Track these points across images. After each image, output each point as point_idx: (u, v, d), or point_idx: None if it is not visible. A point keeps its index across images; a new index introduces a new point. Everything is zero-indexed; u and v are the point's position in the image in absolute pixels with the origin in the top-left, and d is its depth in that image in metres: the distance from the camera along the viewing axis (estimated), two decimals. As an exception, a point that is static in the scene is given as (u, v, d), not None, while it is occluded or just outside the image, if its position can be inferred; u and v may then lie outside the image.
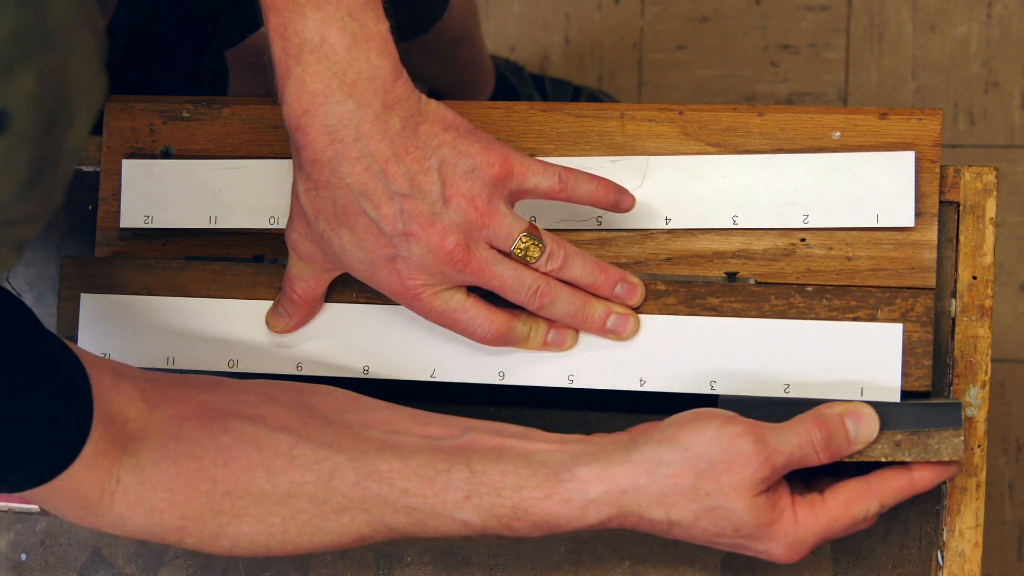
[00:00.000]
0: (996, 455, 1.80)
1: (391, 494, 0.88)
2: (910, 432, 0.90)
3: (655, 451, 0.87)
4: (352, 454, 0.88)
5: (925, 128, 0.96)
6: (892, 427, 0.90)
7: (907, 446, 0.90)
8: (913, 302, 0.93)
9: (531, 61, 1.94)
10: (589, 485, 0.87)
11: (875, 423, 0.89)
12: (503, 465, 0.88)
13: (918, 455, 0.90)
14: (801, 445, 0.88)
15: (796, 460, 0.88)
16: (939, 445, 0.89)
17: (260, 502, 0.88)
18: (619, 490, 0.87)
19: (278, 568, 1.03)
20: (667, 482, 0.87)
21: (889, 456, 0.90)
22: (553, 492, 0.87)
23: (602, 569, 1.00)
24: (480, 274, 0.91)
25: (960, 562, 0.97)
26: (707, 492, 0.86)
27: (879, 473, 0.90)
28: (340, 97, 0.87)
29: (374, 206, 0.89)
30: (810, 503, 0.89)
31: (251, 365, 0.98)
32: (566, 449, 0.89)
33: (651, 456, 0.87)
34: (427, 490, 0.88)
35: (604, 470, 0.87)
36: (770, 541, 0.88)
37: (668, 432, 0.88)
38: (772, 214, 0.96)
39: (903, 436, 0.90)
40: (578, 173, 0.93)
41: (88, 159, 1.06)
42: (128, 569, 1.04)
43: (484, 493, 0.87)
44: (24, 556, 1.05)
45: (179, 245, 1.02)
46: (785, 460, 0.87)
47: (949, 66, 1.86)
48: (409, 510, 0.88)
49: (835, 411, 0.89)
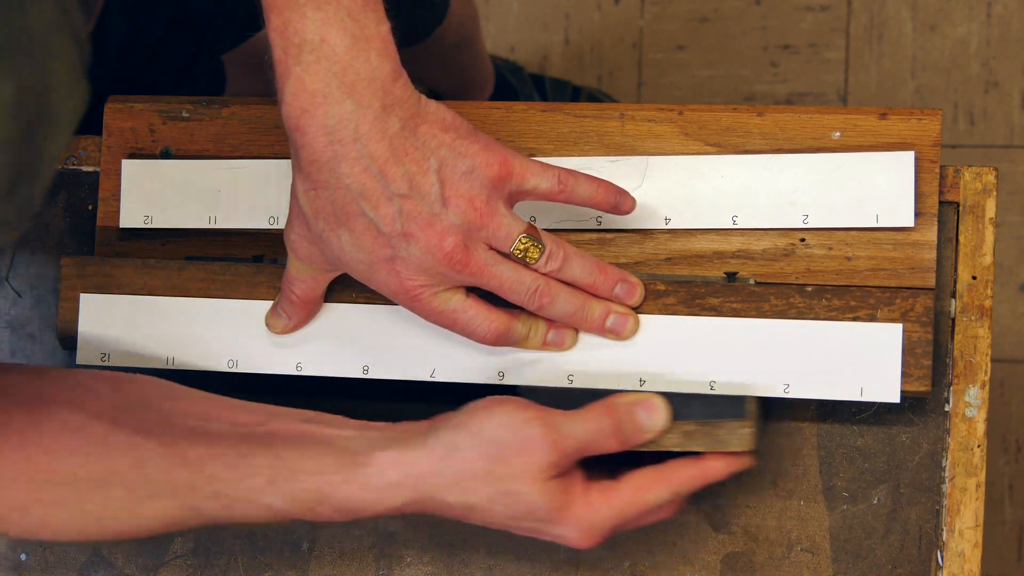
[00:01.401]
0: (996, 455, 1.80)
1: (198, 480, 0.89)
2: (700, 423, 0.92)
3: (450, 436, 0.89)
4: (163, 440, 0.89)
5: (925, 128, 0.96)
6: (684, 418, 0.91)
7: (698, 436, 0.91)
8: (913, 302, 0.93)
9: (531, 61, 1.94)
10: (386, 469, 0.88)
11: (664, 413, 0.91)
12: (305, 450, 0.89)
13: (708, 445, 0.91)
14: (590, 431, 0.89)
15: (586, 446, 0.89)
16: (728, 436, 0.91)
17: (76, 490, 0.89)
18: (416, 474, 0.88)
19: (277, 568, 1.03)
20: (461, 466, 0.88)
21: (680, 446, 0.91)
22: (352, 476, 0.88)
23: (602, 569, 1.00)
24: (479, 275, 0.91)
25: (960, 562, 0.97)
26: (499, 476, 0.88)
27: (672, 462, 0.91)
28: (339, 98, 0.87)
29: (373, 207, 0.89)
30: (603, 488, 0.90)
31: (250, 365, 0.98)
32: (366, 435, 0.90)
33: (446, 440, 0.88)
34: (231, 475, 0.89)
35: (401, 454, 0.88)
36: (564, 525, 0.89)
37: (462, 418, 0.89)
38: (772, 214, 0.96)
39: (694, 427, 0.91)
40: (578, 175, 0.93)
41: (88, 159, 1.06)
42: (128, 569, 1.04)
43: (285, 477, 0.88)
44: (24, 556, 1.05)
45: (179, 245, 1.02)
46: (575, 445, 0.89)
47: (949, 66, 1.86)
48: (216, 495, 0.89)
49: (626, 400, 0.91)
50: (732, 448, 0.91)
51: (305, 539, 1.02)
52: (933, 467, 0.97)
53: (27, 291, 1.07)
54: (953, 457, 0.97)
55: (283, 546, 1.03)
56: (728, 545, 0.99)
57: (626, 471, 0.91)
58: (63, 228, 1.06)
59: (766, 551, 0.99)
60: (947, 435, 0.97)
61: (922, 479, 0.97)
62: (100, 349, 0.99)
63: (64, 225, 1.06)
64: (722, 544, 0.99)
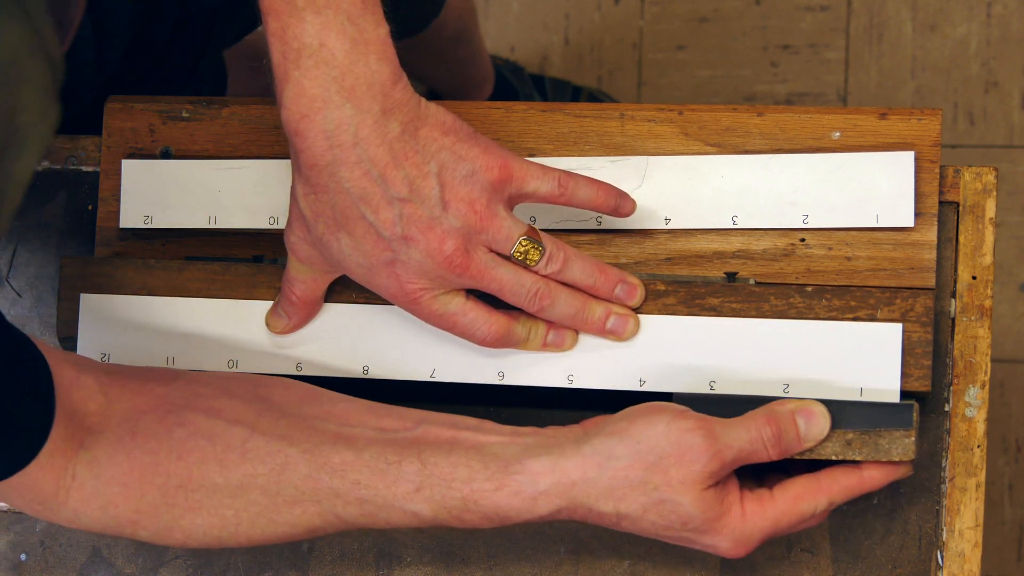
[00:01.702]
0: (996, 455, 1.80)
1: (343, 486, 0.88)
2: (861, 431, 0.90)
3: (606, 444, 0.88)
4: (305, 446, 0.89)
5: (925, 128, 0.96)
6: (843, 426, 0.90)
7: (858, 445, 0.90)
8: (913, 302, 0.93)
9: (531, 61, 1.94)
10: (539, 477, 0.87)
11: (826, 421, 0.90)
12: (454, 457, 0.88)
13: (868, 455, 0.90)
14: (751, 440, 0.88)
15: (746, 455, 0.88)
16: (890, 445, 0.90)
17: (213, 495, 0.89)
18: (569, 482, 0.87)
19: (277, 568, 1.03)
20: (616, 475, 0.87)
21: (840, 455, 0.90)
22: (503, 484, 0.87)
23: (601, 569, 1.00)
24: (479, 278, 0.91)
25: (960, 562, 0.97)
26: (656, 485, 0.87)
27: (829, 471, 0.90)
28: (339, 102, 0.87)
29: (373, 211, 0.89)
30: (759, 498, 0.89)
31: (250, 365, 0.98)
32: (518, 441, 0.89)
33: (601, 449, 0.87)
34: (378, 482, 0.88)
35: (555, 462, 0.87)
36: (717, 535, 0.88)
37: (620, 425, 0.88)
38: (772, 214, 0.96)
39: (854, 435, 0.90)
40: (578, 178, 0.93)
41: (88, 159, 1.06)
42: (128, 569, 1.04)
43: (435, 485, 0.88)
44: (24, 556, 1.05)
45: (179, 245, 1.02)
46: (734, 455, 0.88)
47: (949, 66, 1.86)
48: (360, 502, 0.88)
49: (786, 408, 0.90)
50: (893, 457, 0.90)
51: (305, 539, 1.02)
52: (933, 467, 0.97)
53: (27, 291, 1.07)
54: (953, 457, 0.97)
55: (283, 546, 1.03)
56: (728, 545, 0.99)
57: (776, 476, 0.90)
58: (63, 228, 1.06)
59: (766, 551, 0.99)
60: (947, 435, 0.97)
61: (922, 479, 0.97)
62: (100, 349, 0.99)
63: (64, 225, 1.06)
64: (722, 544, 0.99)
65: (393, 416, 0.91)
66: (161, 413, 0.89)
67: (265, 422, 0.89)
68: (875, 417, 0.90)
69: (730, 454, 0.87)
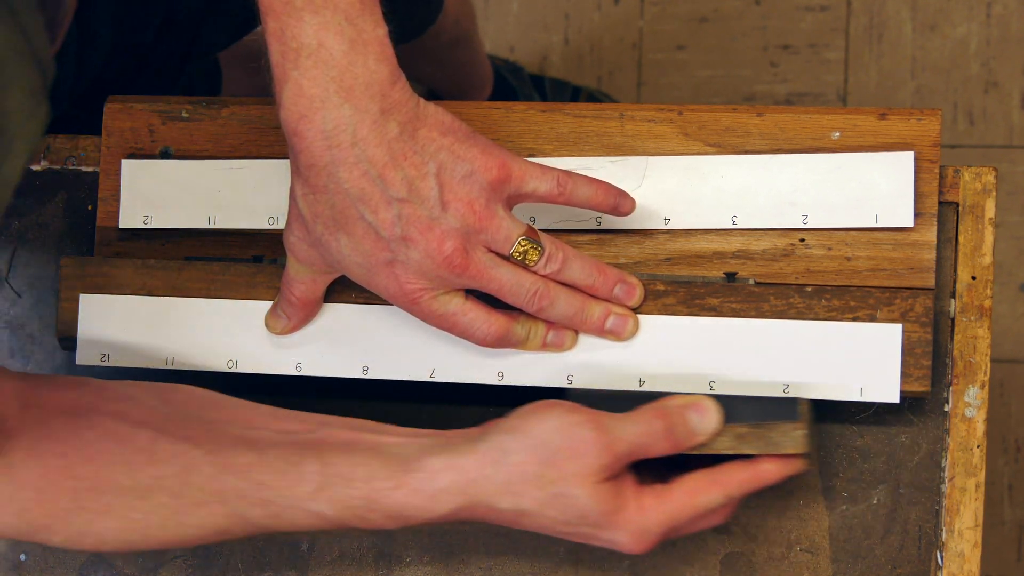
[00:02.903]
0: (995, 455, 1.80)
1: (247, 487, 0.88)
2: (752, 425, 0.91)
3: (500, 440, 0.88)
4: (209, 447, 0.89)
5: (924, 128, 0.96)
6: (736, 420, 0.91)
7: (750, 439, 0.91)
8: (912, 302, 0.93)
9: (530, 61, 1.94)
10: (437, 475, 0.88)
11: (717, 415, 0.90)
12: (354, 457, 0.89)
13: (761, 448, 0.90)
14: (642, 434, 0.89)
15: (638, 449, 0.89)
16: (781, 438, 0.90)
17: (122, 497, 0.89)
18: (467, 479, 0.88)
19: (277, 567, 1.03)
20: (512, 470, 0.88)
21: (733, 449, 0.91)
22: (403, 483, 0.88)
23: (601, 569, 1.00)
24: (478, 278, 0.91)
25: (959, 562, 0.97)
26: (551, 479, 0.87)
27: (725, 465, 0.91)
28: (337, 102, 0.87)
29: (372, 211, 0.89)
30: (655, 492, 0.89)
31: (250, 366, 0.98)
32: (417, 442, 0.90)
33: (497, 445, 0.88)
34: (280, 482, 0.88)
35: (452, 460, 0.88)
36: (616, 529, 0.89)
37: (514, 422, 0.89)
38: (771, 214, 0.96)
39: (746, 429, 0.91)
40: (577, 177, 0.93)
41: (88, 159, 1.06)
42: (127, 569, 1.04)
43: (336, 484, 0.88)
44: (24, 556, 1.05)
45: (178, 245, 1.02)
46: (626, 448, 0.88)
47: (948, 66, 1.86)
48: (265, 503, 0.89)
49: (677, 402, 0.90)
50: (785, 450, 0.90)
51: (304, 539, 1.02)
52: (933, 467, 0.97)
53: (27, 291, 1.07)
54: (953, 457, 0.97)
55: (282, 546, 1.03)
56: (727, 545, 0.99)
57: (676, 475, 0.91)
58: (63, 228, 1.06)
59: (765, 551, 0.99)
60: (947, 435, 0.97)
61: (922, 479, 0.97)
62: (100, 349, 0.99)
63: (64, 225, 1.06)
64: (721, 544, 1.00)
65: (294, 419, 0.92)
66: (71, 417, 0.90)
67: (170, 425, 0.90)
68: (765, 411, 0.91)
69: (622, 447, 0.88)
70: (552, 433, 0.88)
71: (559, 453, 0.87)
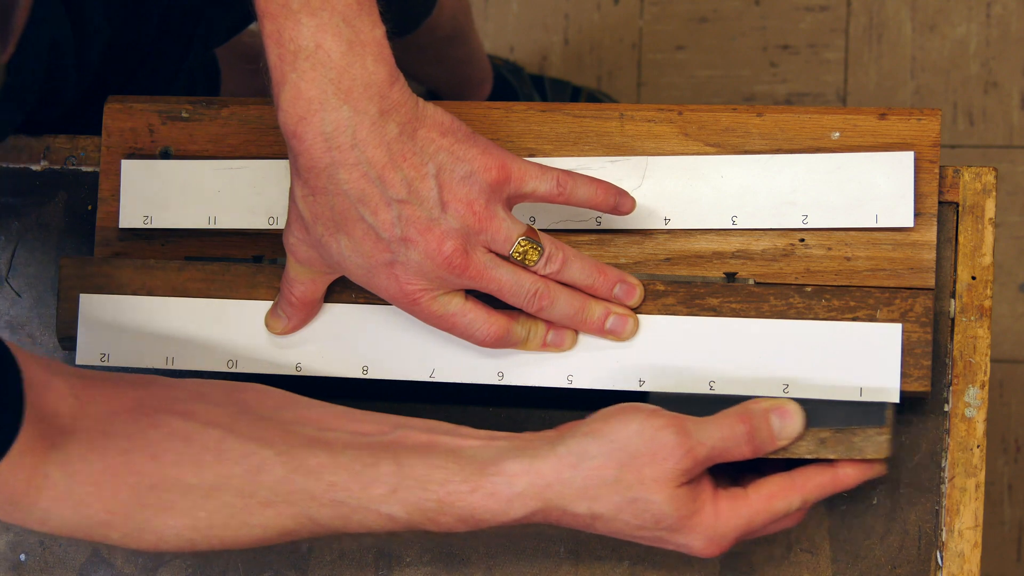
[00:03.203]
0: (995, 455, 1.80)
1: (317, 488, 0.88)
2: (835, 430, 0.90)
3: (580, 444, 0.88)
4: (280, 448, 0.88)
5: (924, 128, 0.96)
6: (818, 424, 0.90)
7: (832, 443, 0.90)
8: (912, 302, 0.93)
9: (530, 61, 1.94)
10: (514, 479, 0.87)
11: (800, 420, 0.90)
12: (431, 460, 0.88)
13: (843, 453, 0.90)
14: (724, 438, 0.88)
15: (719, 453, 0.88)
16: (864, 443, 0.90)
17: (186, 495, 0.88)
18: (544, 483, 0.87)
19: (277, 568, 1.03)
20: (590, 474, 0.87)
21: (814, 453, 0.90)
22: (479, 486, 0.87)
23: (601, 569, 1.00)
24: (478, 278, 0.91)
25: (959, 562, 0.97)
26: (629, 484, 0.87)
27: (803, 469, 0.90)
28: (336, 104, 0.87)
29: (372, 212, 0.89)
30: (732, 496, 0.89)
31: (250, 366, 0.98)
32: (493, 444, 0.89)
33: (575, 449, 0.88)
34: (353, 484, 0.88)
35: (530, 464, 0.87)
36: (690, 533, 0.88)
37: (594, 426, 0.88)
38: (771, 214, 0.96)
39: (828, 434, 0.90)
40: (577, 176, 0.93)
41: (87, 159, 1.06)
42: (127, 569, 1.04)
43: (410, 487, 0.88)
44: (23, 556, 1.05)
45: (178, 246, 1.02)
46: (708, 452, 0.88)
47: (948, 66, 1.86)
48: (335, 504, 0.88)
49: (760, 406, 0.90)
50: (868, 455, 0.90)
51: (305, 539, 1.02)
52: (932, 467, 0.97)
53: (27, 291, 1.07)
54: (952, 457, 0.97)
55: (283, 546, 1.03)
56: (727, 545, 0.99)
57: (751, 477, 0.90)
58: (63, 228, 1.06)
59: (765, 551, 0.99)
60: (946, 435, 0.97)
61: (921, 479, 0.97)
62: (99, 349, 0.99)
63: (63, 225, 1.06)
64: (721, 544, 0.99)
65: (369, 421, 0.91)
66: (135, 415, 0.89)
67: (241, 425, 0.89)
68: (849, 415, 0.90)
69: (703, 451, 0.88)
70: (634, 437, 0.87)
71: (639, 457, 0.87)
